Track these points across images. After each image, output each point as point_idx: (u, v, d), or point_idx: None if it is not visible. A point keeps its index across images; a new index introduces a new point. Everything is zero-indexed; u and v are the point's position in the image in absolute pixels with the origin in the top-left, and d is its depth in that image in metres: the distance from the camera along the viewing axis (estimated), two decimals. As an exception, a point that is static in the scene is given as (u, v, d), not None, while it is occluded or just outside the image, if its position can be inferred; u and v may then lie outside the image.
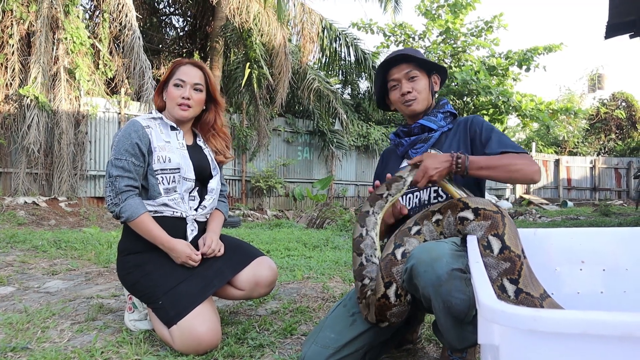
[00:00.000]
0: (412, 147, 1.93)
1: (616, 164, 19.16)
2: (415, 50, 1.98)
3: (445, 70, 2.02)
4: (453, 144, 1.86)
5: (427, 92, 1.93)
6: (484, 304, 0.82)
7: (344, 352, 1.64)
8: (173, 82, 2.10)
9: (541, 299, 1.27)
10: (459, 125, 1.91)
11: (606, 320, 0.74)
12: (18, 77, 8.30)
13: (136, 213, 1.93)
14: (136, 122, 2.04)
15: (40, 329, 2.12)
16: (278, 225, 7.79)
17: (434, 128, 1.90)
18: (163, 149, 2.03)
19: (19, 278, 3.22)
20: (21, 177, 8.26)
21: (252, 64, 10.55)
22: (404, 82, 1.91)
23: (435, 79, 1.99)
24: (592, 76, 23.88)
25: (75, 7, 8.68)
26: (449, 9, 16.02)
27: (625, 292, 1.59)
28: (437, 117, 1.91)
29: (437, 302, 1.38)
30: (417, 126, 1.92)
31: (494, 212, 1.42)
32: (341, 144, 13.18)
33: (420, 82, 1.91)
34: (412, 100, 1.91)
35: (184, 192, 2.07)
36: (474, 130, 1.84)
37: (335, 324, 1.72)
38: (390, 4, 12.87)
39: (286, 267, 3.70)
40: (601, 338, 0.76)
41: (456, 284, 1.33)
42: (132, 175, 1.96)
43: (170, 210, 2.03)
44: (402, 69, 1.91)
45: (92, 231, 5.79)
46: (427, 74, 1.94)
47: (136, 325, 2.15)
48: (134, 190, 1.97)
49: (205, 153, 2.22)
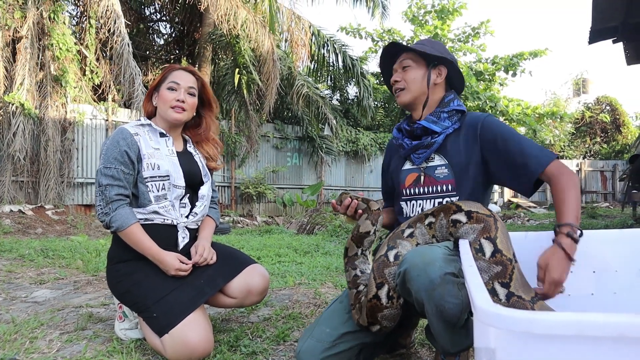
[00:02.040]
0: (414, 152, 1.82)
1: (602, 167, 19.38)
2: (431, 41, 1.90)
3: (451, 62, 1.85)
4: (460, 150, 1.75)
5: (420, 84, 1.82)
6: (479, 307, 0.82)
7: (339, 347, 1.65)
8: (166, 86, 2.08)
9: (532, 302, 1.28)
10: (468, 128, 1.77)
11: (600, 321, 0.75)
12: (3, 84, 8.21)
13: (126, 223, 1.91)
14: (124, 129, 2.02)
15: (29, 339, 2.09)
16: (268, 231, 7.77)
17: (437, 131, 1.77)
18: (152, 156, 2.01)
19: (5, 288, 3.17)
20: (7, 185, 8.16)
21: (241, 69, 10.55)
22: (397, 71, 1.87)
23: (438, 71, 1.85)
24: (576, 80, 24.13)
25: (61, 13, 8.63)
26: (436, 15, 16.15)
27: (616, 293, 1.61)
28: (440, 118, 1.79)
29: (430, 307, 1.38)
30: (419, 127, 1.80)
31: (486, 216, 1.43)
32: (330, 150, 13.19)
33: (412, 72, 1.83)
34: (400, 90, 1.85)
35: (174, 199, 2.05)
36: (488, 138, 1.70)
37: (331, 319, 1.73)
38: (378, 10, 12.97)
39: (277, 274, 3.69)
40: (595, 339, 0.76)
41: (449, 288, 1.34)
42: (122, 184, 1.94)
43: (161, 217, 2.01)
44: (400, 58, 1.87)
45: (80, 239, 5.72)
46: (425, 65, 1.83)
47: (127, 334, 2.13)
48: (125, 200, 1.95)
49: (196, 159, 2.21)
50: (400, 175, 1.88)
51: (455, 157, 1.74)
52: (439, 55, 1.82)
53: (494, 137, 1.69)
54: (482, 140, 1.71)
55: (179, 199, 2.07)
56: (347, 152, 14.05)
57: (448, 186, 1.74)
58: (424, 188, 1.80)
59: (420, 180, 1.81)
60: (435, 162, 1.78)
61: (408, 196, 1.84)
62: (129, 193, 1.97)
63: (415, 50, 1.82)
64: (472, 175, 1.72)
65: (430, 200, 1.78)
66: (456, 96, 1.85)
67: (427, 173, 1.79)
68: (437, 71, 1.84)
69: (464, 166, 1.72)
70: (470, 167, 1.72)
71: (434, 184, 1.77)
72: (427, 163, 1.80)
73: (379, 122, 15.84)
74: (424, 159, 1.80)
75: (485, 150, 1.71)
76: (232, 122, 11.51)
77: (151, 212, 1.99)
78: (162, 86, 2.10)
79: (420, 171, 1.82)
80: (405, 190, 1.86)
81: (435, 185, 1.77)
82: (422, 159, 1.80)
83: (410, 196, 1.83)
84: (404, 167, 1.88)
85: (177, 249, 2.05)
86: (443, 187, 1.75)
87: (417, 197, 1.82)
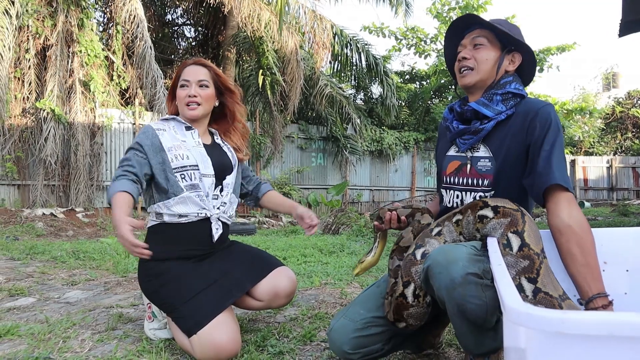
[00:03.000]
0: (460, 137, 1.67)
1: (634, 163, 18.87)
2: (508, 22, 1.68)
3: (529, 51, 1.66)
4: (506, 142, 1.58)
5: (492, 67, 1.64)
6: (509, 306, 0.81)
7: (370, 330, 1.67)
8: (179, 84, 2.12)
9: (560, 300, 1.24)
10: (519, 116, 1.58)
11: (633, 321, 0.73)
12: (35, 90, 8.44)
13: (114, 190, 1.83)
14: (148, 126, 2.07)
15: (62, 339, 2.14)
16: (293, 232, 7.79)
17: (489, 115, 1.60)
18: (179, 147, 2.03)
19: (39, 289, 3.25)
20: (39, 189, 8.39)
21: (264, 71, 10.62)
22: (467, 48, 1.68)
23: (512, 58, 1.67)
24: (606, 75, 23.59)
25: (89, 20, 8.82)
26: (460, 12, 15.96)
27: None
28: (492, 101, 1.61)
29: (450, 305, 1.37)
30: (469, 110, 1.64)
31: (513, 210, 1.40)
32: (355, 149, 13.16)
33: (485, 52, 1.64)
34: (467, 70, 1.66)
35: (208, 189, 2.06)
36: (534, 134, 1.53)
37: (367, 301, 1.75)
38: (401, 8, 12.89)
39: (303, 274, 3.69)
40: (628, 339, 0.74)
41: (470, 288, 1.32)
42: (131, 163, 1.95)
43: (195, 209, 2.02)
44: (472, 34, 1.68)
45: (109, 241, 5.84)
46: (500, 48, 1.65)
47: (156, 334, 2.16)
48: (128, 175, 1.92)
49: (225, 150, 2.23)
50: (444, 161, 1.77)
51: (499, 150, 1.59)
52: (518, 40, 1.64)
53: (540, 132, 1.52)
54: (529, 133, 1.54)
55: (212, 190, 2.09)
56: (371, 151, 14.00)
57: (485, 180, 1.62)
58: (465, 179, 1.67)
59: (463, 169, 1.68)
60: (480, 152, 1.64)
61: (448, 184, 1.73)
62: (137, 171, 1.94)
63: (495, 28, 1.63)
64: (513, 171, 1.58)
65: (470, 193, 1.66)
66: (516, 78, 1.65)
67: (472, 163, 1.66)
68: (511, 57, 1.67)
69: (507, 161, 1.58)
70: (514, 163, 1.57)
71: (474, 176, 1.65)
72: (472, 152, 1.66)
73: (403, 121, 15.75)
74: (469, 146, 1.65)
75: (529, 144, 1.55)
76: (256, 124, 11.59)
77: (185, 201, 2.00)
78: (178, 85, 2.14)
79: (465, 159, 1.68)
80: (445, 178, 1.75)
81: (475, 177, 1.64)
82: (467, 145, 1.66)
83: (450, 185, 1.72)
84: (449, 152, 1.76)
85: (212, 240, 2.07)
86: (481, 180, 1.63)
87: (455, 187, 1.70)
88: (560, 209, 1.43)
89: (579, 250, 1.37)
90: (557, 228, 1.42)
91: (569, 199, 1.45)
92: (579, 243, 1.37)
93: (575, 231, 1.38)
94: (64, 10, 8.50)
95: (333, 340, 1.69)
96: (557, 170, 1.47)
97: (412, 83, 17.01)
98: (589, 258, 1.36)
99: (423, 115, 15.46)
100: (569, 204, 1.44)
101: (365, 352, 1.67)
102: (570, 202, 1.44)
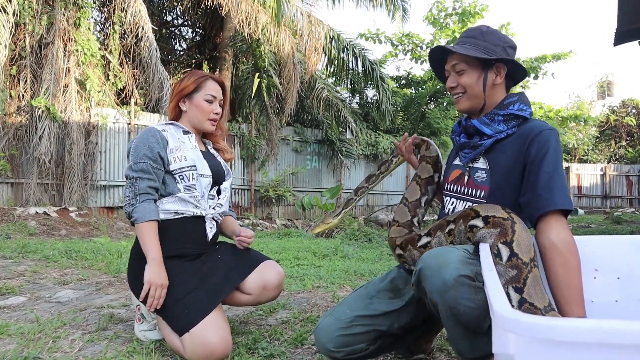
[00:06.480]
0: (461, 150, 1.76)
1: (627, 171, 18.99)
2: (482, 32, 1.70)
3: (509, 60, 1.67)
4: (505, 159, 1.61)
5: (478, 88, 1.67)
6: (498, 312, 0.81)
7: (354, 329, 1.69)
8: (204, 97, 2.16)
9: (544, 312, 1.25)
10: (521, 137, 1.60)
11: (623, 329, 0.73)
12: (30, 88, 8.40)
13: (145, 217, 1.94)
14: (153, 128, 2.10)
15: (52, 338, 2.13)
16: (287, 234, 7.79)
17: (489, 134, 1.65)
18: (179, 149, 2.08)
19: (30, 288, 3.23)
20: (32, 187, 8.33)
21: (261, 73, 10.61)
22: (451, 75, 1.73)
23: (497, 70, 1.67)
24: (601, 83, 23.68)
25: (86, 19, 8.79)
26: (457, 18, 16.02)
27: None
28: (494, 120, 1.65)
29: (443, 308, 1.37)
30: (471, 126, 1.70)
31: (503, 219, 1.40)
32: (350, 153, 13.16)
33: (467, 77, 1.68)
34: (459, 96, 1.72)
35: (204, 189, 2.10)
36: (531, 152, 1.54)
37: (354, 302, 1.78)
38: (398, 13, 12.91)
39: (296, 277, 3.69)
40: (618, 347, 0.75)
41: (463, 290, 1.31)
42: (152, 177, 1.99)
43: (190, 210, 2.05)
44: (450, 60, 1.72)
45: (102, 241, 5.81)
46: (481, 66, 1.67)
47: (146, 336, 2.15)
48: (153, 195, 2.00)
49: (219, 160, 2.29)
50: (449, 169, 1.87)
51: (498, 165, 1.63)
52: (494, 58, 1.65)
53: (536, 153, 1.53)
54: (528, 154, 1.55)
55: (208, 190, 2.13)
56: (366, 155, 14.00)
57: (481, 192, 1.67)
58: (463, 188, 1.75)
59: (462, 178, 1.76)
60: (479, 164, 1.70)
61: (448, 192, 1.82)
62: (158, 186, 2.02)
63: (466, 52, 1.65)
64: (508, 187, 1.60)
65: (464, 203, 1.72)
66: (521, 98, 1.68)
67: (470, 174, 1.72)
68: (495, 70, 1.68)
69: (503, 176, 1.61)
70: (509, 179, 1.60)
71: (471, 186, 1.71)
72: (472, 164, 1.73)
73: (398, 126, 15.77)
74: (469, 159, 1.72)
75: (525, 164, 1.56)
76: (252, 126, 11.57)
77: (182, 201, 2.04)
78: (196, 95, 2.17)
79: (465, 169, 1.75)
80: (447, 185, 1.84)
81: (472, 188, 1.70)
82: (467, 159, 1.72)
83: (450, 192, 1.81)
84: (454, 161, 1.84)
85: (206, 239, 2.11)
86: (477, 191, 1.68)
87: (454, 194, 1.78)
88: (550, 229, 1.46)
89: (563, 271, 1.39)
90: (543, 247, 1.45)
91: (559, 220, 1.47)
92: (564, 264, 1.39)
93: (561, 251, 1.40)
94: (61, 8, 8.47)
95: (318, 338, 1.72)
96: (558, 194, 1.48)
97: (408, 88, 17.05)
98: (573, 280, 1.38)
99: (418, 120, 15.49)
100: (559, 224, 1.46)
101: (348, 351, 1.68)
102: (560, 223, 1.47)
